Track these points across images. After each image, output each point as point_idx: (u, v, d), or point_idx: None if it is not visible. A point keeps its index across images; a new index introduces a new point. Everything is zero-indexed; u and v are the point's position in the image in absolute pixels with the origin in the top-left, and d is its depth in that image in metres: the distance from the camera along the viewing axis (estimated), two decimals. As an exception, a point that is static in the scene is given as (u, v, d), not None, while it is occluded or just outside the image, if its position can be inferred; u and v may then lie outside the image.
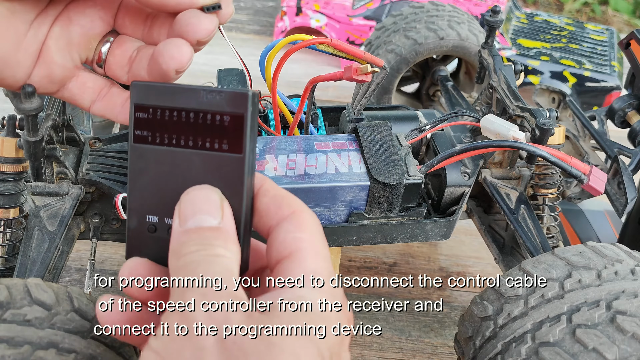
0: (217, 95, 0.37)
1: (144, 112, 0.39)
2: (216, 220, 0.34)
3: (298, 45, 0.61)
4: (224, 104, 0.38)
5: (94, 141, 0.68)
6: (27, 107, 0.53)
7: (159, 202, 0.38)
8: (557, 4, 2.14)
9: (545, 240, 0.66)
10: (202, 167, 0.38)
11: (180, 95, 0.38)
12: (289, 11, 1.40)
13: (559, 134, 0.68)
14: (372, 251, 0.88)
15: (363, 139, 0.63)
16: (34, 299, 0.44)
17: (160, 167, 0.39)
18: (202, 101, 0.38)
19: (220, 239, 0.33)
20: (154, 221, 0.38)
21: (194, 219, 0.34)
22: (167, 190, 0.38)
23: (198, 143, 0.38)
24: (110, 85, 0.42)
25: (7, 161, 0.58)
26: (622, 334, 0.46)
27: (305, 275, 0.33)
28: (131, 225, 0.39)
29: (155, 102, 0.38)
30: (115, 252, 0.83)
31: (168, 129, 0.38)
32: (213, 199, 0.34)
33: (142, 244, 0.38)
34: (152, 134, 0.39)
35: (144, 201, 0.39)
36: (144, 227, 0.39)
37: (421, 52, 0.93)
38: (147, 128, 0.39)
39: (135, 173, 0.39)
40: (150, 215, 0.39)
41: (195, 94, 0.38)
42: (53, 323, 0.43)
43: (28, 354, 0.41)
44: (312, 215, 0.35)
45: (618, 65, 1.29)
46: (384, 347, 0.74)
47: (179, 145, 0.38)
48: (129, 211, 0.39)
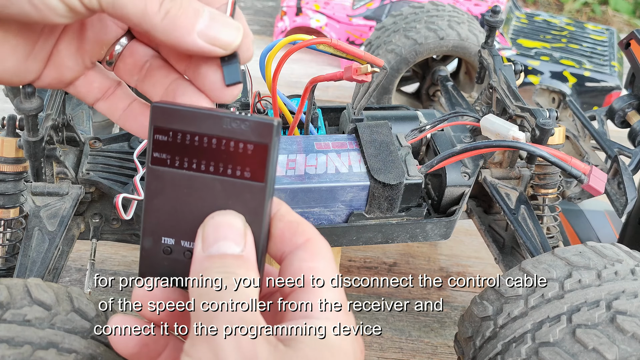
0: (241, 124, 0.37)
1: (164, 135, 0.38)
2: (239, 248, 0.34)
3: (298, 45, 0.61)
4: (248, 132, 0.37)
5: (94, 141, 0.68)
6: (27, 107, 0.53)
7: (175, 224, 0.38)
8: (557, 4, 2.14)
9: (545, 240, 0.66)
10: (221, 193, 0.38)
11: (202, 121, 0.38)
12: (289, 11, 1.40)
13: (559, 134, 0.68)
14: (372, 251, 0.88)
15: (363, 139, 0.63)
16: (34, 299, 0.44)
17: (178, 190, 0.38)
18: (225, 128, 0.38)
19: (243, 268, 0.33)
20: (170, 243, 0.38)
21: (217, 245, 0.34)
22: (184, 213, 0.38)
23: (219, 169, 0.38)
24: (117, 87, 0.42)
25: (7, 161, 0.58)
26: (622, 334, 0.46)
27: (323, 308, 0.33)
28: (146, 245, 0.38)
29: (176, 125, 0.38)
30: (115, 252, 0.83)
31: (188, 153, 0.38)
32: (237, 225, 0.35)
33: (157, 265, 0.38)
34: (171, 157, 0.38)
35: (160, 223, 0.39)
36: (159, 248, 0.38)
37: (421, 52, 0.93)
38: (166, 151, 0.38)
39: (152, 194, 0.39)
40: (166, 237, 0.38)
41: (219, 120, 0.37)
42: (53, 323, 0.43)
43: (28, 354, 0.41)
44: (325, 243, 0.36)
45: (618, 65, 1.29)
46: (384, 347, 0.74)
47: (199, 170, 0.38)
48: (143, 231, 0.38)
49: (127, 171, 0.65)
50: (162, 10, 0.34)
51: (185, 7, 0.34)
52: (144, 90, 0.40)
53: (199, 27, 0.34)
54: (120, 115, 0.41)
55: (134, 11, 0.33)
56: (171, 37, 0.34)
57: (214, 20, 0.35)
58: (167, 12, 0.34)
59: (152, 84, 0.40)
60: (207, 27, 0.35)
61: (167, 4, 0.34)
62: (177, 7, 0.34)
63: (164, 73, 0.40)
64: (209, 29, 0.35)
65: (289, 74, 1.23)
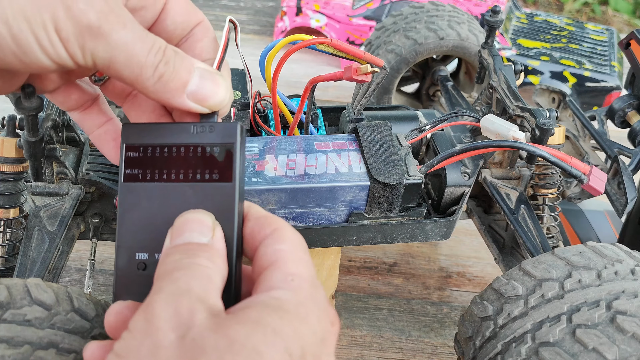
0: (207, 129, 0.39)
1: (135, 152, 0.39)
2: (206, 238, 0.34)
3: (298, 46, 0.61)
4: (214, 136, 0.39)
5: (94, 141, 0.68)
6: (27, 107, 0.53)
7: (149, 237, 0.38)
8: (557, 4, 2.14)
9: (545, 240, 0.66)
10: (193, 198, 0.38)
11: (170, 132, 0.39)
12: (289, 11, 1.40)
13: (559, 134, 0.68)
14: (372, 251, 0.88)
15: (363, 139, 0.63)
16: (34, 299, 0.44)
17: (151, 203, 0.39)
18: (192, 135, 0.39)
19: (207, 253, 0.33)
20: (144, 258, 0.38)
21: (183, 236, 0.34)
22: (157, 225, 0.38)
23: (189, 175, 0.39)
24: (94, 101, 0.42)
25: (7, 161, 0.58)
26: (622, 334, 0.46)
27: (281, 278, 0.33)
28: (120, 264, 0.38)
29: (147, 140, 0.39)
30: (115, 252, 0.83)
31: (159, 165, 0.39)
32: (205, 220, 0.35)
33: (131, 284, 0.38)
34: (142, 171, 0.39)
35: (134, 238, 0.39)
36: (134, 266, 0.38)
37: (421, 52, 0.93)
38: (138, 166, 0.39)
39: (125, 210, 0.39)
40: (140, 252, 0.38)
41: (186, 129, 0.39)
42: (53, 323, 0.43)
43: (28, 354, 0.41)
44: (293, 230, 0.36)
45: (618, 65, 1.29)
46: (384, 347, 0.74)
47: (170, 180, 0.39)
48: (117, 250, 0.38)
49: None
50: (156, 75, 0.35)
51: (178, 70, 0.35)
52: (130, 115, 0.41)
53: (189, 89, 0.35)
54: (93, 134, 0.42)
55: (129, 75, 0.34)
56: (162, 97, 0.35)
57: (204, 79, 0.36)
58: (160, 76, 0.35)
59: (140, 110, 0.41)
60: (197, 89, 0.36)
61: (161, 68, 0.35)
62: (170, 70, 0.35)
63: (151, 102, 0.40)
64: (198, 90, 0.36)
65: (289, 74, 1.23)
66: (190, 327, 0.29)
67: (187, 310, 0.30)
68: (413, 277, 0.85)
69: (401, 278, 0.85)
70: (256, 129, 0.69)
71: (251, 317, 0.30)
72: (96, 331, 0.46)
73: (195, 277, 0.31)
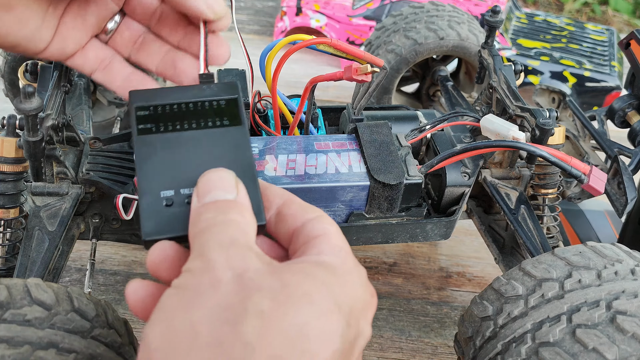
0: (212, 88, 0.44)
1: (145, 111, 0.43)
2: (232, 195, 0.36)
3: (298, 45, 0.61)
4: (218, 92, 0.44)
5: (94, 141, 0.68)
6: (27, 107, 0.53)
7: (172, 177, 0.41)
8: (557, 4, 2.14)
9: (545, 240, 0.66)
10: (209, 141, 0.43)
11: (177, 93, 0.44)
12: (289, 11, 1.40)
13: (559, 134, 0.68)
14: (372, 251, 0.88)
15: (363, 139, 0.63)
16: (34, 299, 0.44)
17: (168, 149, 0.42)
18: (198, 94, 0.44)
19: (236, 209, 0.35)
20: (170, 195, 0.41)
21: (210, 195, 0.36)
22: (178, 165, 0.42)
23: (201, 124, 0.43)
24: (112, 57, 0.46)
25: (7, 161, 0.58)
26: (622, 334, 0.46)
27: (330, 248, 0.35)
28: (145, 204, 0.40)
29: (156, 101, 0.44)
30: (115, 252, 0.83)
31: (171, 118, 0.43)
32: (228, 178, 0.37)
33: (160, 220, 0.40)
34: (155, 125, 0.43)
35: (156, 180, 0.41)
36: (160, 203, 0.40)
37: (421, 52, 0.93)
38: (150, 122, 0.43)
39: (143, 159, 0.42)
40: (165, 190, 0.41)
41: (191, 90, 0.44)
42: (53, 323, 0.43)
43: (28, 354, 0.41)
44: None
45: (618, 65, 1.29)
46: (384, 347, 0.74)
47: (184, 129, 0.43)
48: (140, 193, 0.41)
49: (127, 171, 0.65)
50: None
51: None
52: (139, 61, 0.46)
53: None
54: (119, 85, 0.46)
55: None
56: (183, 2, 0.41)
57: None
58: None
59: (147, 55, 0.46)
60: None
61: None
62: None
63: (158, 45, 0.46)
64: None
65: (289, 74, 1.23)
66: (246, 270, 0.32)
67: (240, 257, 0.32)
68: (413, 277, 0.85)
69: (401, 278, 0.85)
70: (256, 129, 0.69)
71: (304, 269, 0.33)
72: (96, 331, 0.46)
73: (235, 230, 0.34)
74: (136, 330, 0.73)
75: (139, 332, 0.72)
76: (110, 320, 0.48)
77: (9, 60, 0.83)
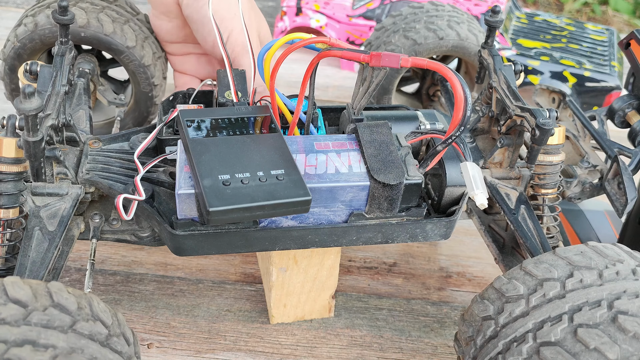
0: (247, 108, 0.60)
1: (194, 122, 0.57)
2: None
3: (296, 45, 0.61)
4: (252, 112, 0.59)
5: (94, 141, 0.68)
6: (27, 107, 0.53)
7: (226, 165, 0.53)
8: (557, 4, 2.14)
9: (545, 240, 0.65)
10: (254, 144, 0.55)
11: (218, 112, 0.59)
12: (289, 11, 1.40)
13: (559, 134, 0.68)
14: (372, 251, 0.88)
15: (363, 139, 0.63)
16: (10, 297, 0.44)
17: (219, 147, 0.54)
18: (236, 112, 0.59)
19: None
20: (227, 178, 0.51)
21: None
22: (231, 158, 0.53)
23: (244, 132, 0.57)
24: None
25: (7, 161, 0.58)
26: (624, 333, 0.46)
27: None
28: (206, 184, 0.51)
29: (202, 117, 0.57)
30: (115, 252, 0.83)
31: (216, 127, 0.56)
32: None
33: (221, 196, 0.50)
34: (206, 133, 0.56)
35: (213, 167, 0.52)
36: (219, 183, 0.51)
37: (420, 52, 0.93)
38: (200, 130, 0.56)
39: (199, 155, 0.53)
40: (222, 174, 0.52)
41: (229, 110, 0.59)
42: (29, 320, 0.43)
43: (2, 351, 0.41)
44: None
45: (618, 65, 1.29)
46: (384, 347, 0.74)
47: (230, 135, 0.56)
48: (201, 176, 0.51)
49: (127, 171, 0.65)
50: None
51: None
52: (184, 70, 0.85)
53: None
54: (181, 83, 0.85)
55: None
56: None
57: None
58: None
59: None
60: None
61: None
62: None
63: None
64: None
65: (288, 73, 1.23)
66: None
67: None
68: (413, 277, 0.85)
69: (401, 278, 0.85)
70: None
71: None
72: (78, 324, 0.45)
73: None
74: (136, 330, 0.72)
75: (139, 332, 0.72)
76: (95, 312, 0.48)
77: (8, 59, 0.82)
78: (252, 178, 0.52)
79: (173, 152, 0.63)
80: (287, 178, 0.54)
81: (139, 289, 0.78)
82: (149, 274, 0.80)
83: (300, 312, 0.75)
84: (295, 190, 0.52)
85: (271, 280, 0.70)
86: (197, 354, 0.71)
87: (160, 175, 0.63)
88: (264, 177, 0.53)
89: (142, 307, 0.76)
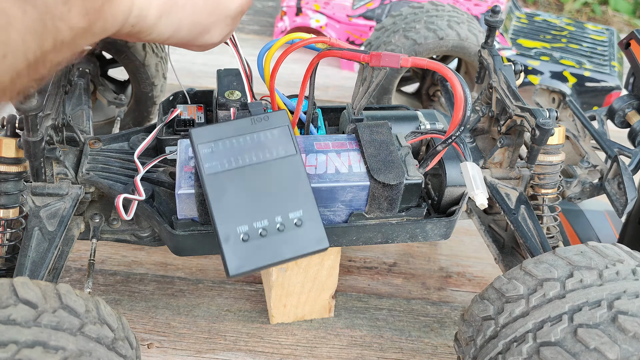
0: (264, 118, 0.52)
1: (208, 148, 0.50)
2: None
3: (297, 44, 0.61)
4: (270, 123, 0.52)
5: (94, 141, 0.68)
6: (27, 107, 0.53)
7: (244, 211, 0.49)
8: (557, 4, 2.14)
9: (545, 240, 0.65)
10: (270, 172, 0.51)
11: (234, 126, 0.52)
12: (289, 11, 1.40)
13: (559, 134, 0.68)
14: (372, 251, 0.88)
15: (363, 139, 0.63)
16: (20, 298, 0.44)
17: (235, 183, 0.49)
18: (252, 126, 0.52)
19: None
20: (245, 230, 0.48)
21: None
22: (247, 198, 0.49)
23: (260, 156, 0.51)
24: None
25: (7, 161, 0.58)
26: (624, 333, 0.46)
27: None
28: (225, 244, 0.47)
29: (215, 137, 0.51)
30: (115, 252, 0.83)
31: (232, 153, 0.50)
32: None
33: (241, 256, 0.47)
34: (220, 161, 0.50)
35: (230, 217, 0.48)
36: (238, 240, 0.48)
37: (420, 52, 0.93)
38: (215, 159, 0.50)
39: (216, 197, 0.49)
40: (240, 225, 0.48)
41: (245, 122, 0.52)
42: (39, 321, 0.43)
43: (13, 352, 0.40)
44: None
45: (618, 65, 1.29)
46: (384, 347, 0.74)
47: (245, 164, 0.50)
48: (220, 232, 0.48)
49: (127, 171, 0.65)
50: None
51: None
52: None
53: None
54: None
55: None
56: None
57: None
58: None
59: None
60: None
61: None
62: None
63: None
64: None
65: (288, 74, 1.23)
66: None
67: None
68: (413, 277, 0.85)
69: (401, 278, 0.85)
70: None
71: None
72: (86, 327, 0.45)
73: None
74: (136, 330, 0.72)
75: (139, 332, 0.72)
76: (102, 315, 0.48)
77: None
78: (271, 227, 0.50)
79: (173, 152, 0.63)
80: (305, 223, 0.52)
81: (139, 289, 0.78)
82: (149, 274, 0.81)
83: (300, 312, 0.75)
84: (314, 240, 0.52)
85: (271, 280, 0.70)
86: (197, 354, 0.71)
87: (160, 175, 0.63)
88: (282, 225, 0.51)
89: (142, 307, 0.76)
